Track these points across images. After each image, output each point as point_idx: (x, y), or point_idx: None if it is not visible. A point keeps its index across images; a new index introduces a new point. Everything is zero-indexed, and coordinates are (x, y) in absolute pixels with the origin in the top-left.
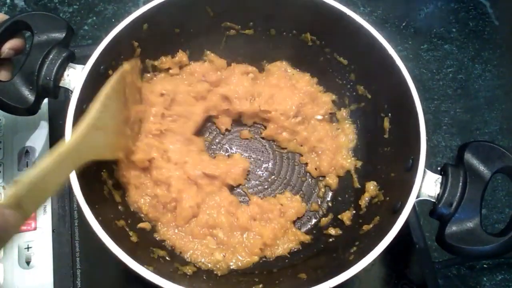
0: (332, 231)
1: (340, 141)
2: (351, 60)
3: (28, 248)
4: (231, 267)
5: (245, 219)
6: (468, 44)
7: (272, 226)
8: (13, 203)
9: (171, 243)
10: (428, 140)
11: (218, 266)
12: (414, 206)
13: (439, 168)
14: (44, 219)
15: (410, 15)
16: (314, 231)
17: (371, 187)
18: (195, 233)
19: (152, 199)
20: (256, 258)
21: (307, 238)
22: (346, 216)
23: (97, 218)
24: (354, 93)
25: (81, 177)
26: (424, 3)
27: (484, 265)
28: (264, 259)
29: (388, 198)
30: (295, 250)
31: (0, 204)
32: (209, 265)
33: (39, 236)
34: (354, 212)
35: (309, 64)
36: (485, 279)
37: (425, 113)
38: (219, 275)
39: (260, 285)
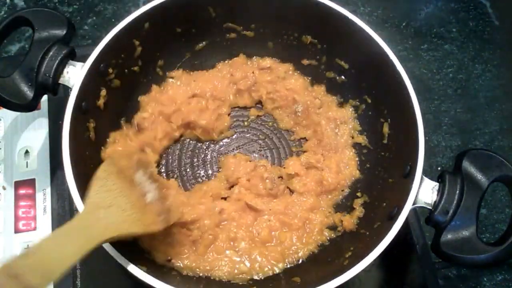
0: (326, 233)
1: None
2: (352, 64)
3: (28, 248)
4: (254, 277)
5: (266, 233)
6: (468, 44)
7: (290, 234)
8: (4, 272)
9: (194, 268)
10: (428, 140)
11: (241, 276)
12: (414, 208)
13: (438, 169)
14: (44, 219)
15: (410, 15)
16: None
17: (357, 205)
18: (216, 249)
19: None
20: (281, 266)
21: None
22: (337, 218)
23: None
24: (354, 96)
25: (77, 176)
26: (424, 3)
27: None
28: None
29: (384, 204)
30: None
31: None
32: (232, 280)
33: (39, 236)
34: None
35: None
36: (485, 279)
37: (425, 113)
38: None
39: None
